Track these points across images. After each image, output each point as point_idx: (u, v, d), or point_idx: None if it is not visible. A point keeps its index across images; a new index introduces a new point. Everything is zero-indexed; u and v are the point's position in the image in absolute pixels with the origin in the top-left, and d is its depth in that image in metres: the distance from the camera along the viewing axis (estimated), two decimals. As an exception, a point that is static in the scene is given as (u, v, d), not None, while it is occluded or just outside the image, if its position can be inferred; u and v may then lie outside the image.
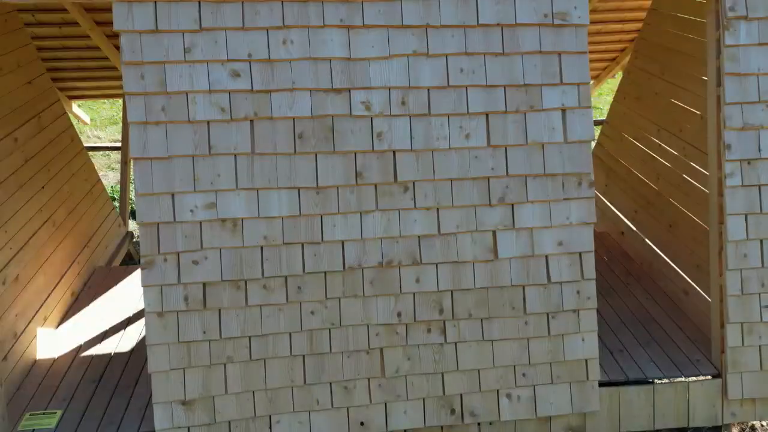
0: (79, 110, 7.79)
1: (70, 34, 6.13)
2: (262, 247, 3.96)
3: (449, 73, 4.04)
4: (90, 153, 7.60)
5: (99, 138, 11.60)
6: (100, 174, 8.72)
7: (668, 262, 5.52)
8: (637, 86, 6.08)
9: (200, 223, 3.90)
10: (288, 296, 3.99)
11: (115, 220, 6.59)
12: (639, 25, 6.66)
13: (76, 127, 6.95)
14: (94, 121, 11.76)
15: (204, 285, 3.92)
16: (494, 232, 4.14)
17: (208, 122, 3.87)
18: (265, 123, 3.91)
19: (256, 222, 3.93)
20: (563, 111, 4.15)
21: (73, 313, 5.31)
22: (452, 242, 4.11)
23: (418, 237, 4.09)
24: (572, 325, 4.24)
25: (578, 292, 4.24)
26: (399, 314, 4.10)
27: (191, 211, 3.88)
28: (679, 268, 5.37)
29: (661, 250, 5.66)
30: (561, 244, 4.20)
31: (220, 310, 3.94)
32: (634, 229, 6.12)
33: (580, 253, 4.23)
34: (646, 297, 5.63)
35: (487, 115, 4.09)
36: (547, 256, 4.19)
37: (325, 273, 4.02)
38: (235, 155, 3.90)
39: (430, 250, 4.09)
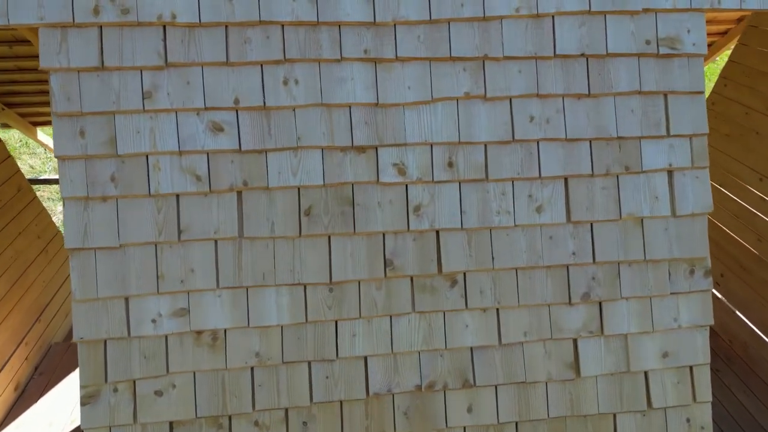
0: (44, 137, 6.66)
1: (24, 53, 5.02)
2: (252, 369, 2.82)
3: (515, 123, 2.92)
4: (58, 186, 6.46)
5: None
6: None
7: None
8: (726, 120, 4.92)
9: (166, 337, 2.77)
10: (290, 437, 2.85)
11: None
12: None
13: (42, 155, 5.79)
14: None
15: (171, 425, 2.78)
16: (575, 341, 3.00)
17: (178, 196, 2.74)
18: (259, 195, 2.78)
19: (244, 334, 2.81)
20: (670, 173, 3.02)
21: (16, 415, 4.16)
22: (518, 356, 2.97)
23: (471, 349, 2.96)
24: (683, 469, 3.08)
25: (688, 421, 3.08)
26: (445, 458, 2.96)
27: (153, 321, 2.74)
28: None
29: (760, 329, 4.48)
30: (666, 356, 3.05)
31: (194, 460, 2.80)
32: (720, 297, 4.94)
33: (690, 367, 3.09)
34: (741, 388, 4.44)
35: (566, 179, 2.98)
36: (646, 373, 3.06)
37: (341, 403, 2.88)
38: (216, 241, 2.77)
39: (488, 368, 2.94)
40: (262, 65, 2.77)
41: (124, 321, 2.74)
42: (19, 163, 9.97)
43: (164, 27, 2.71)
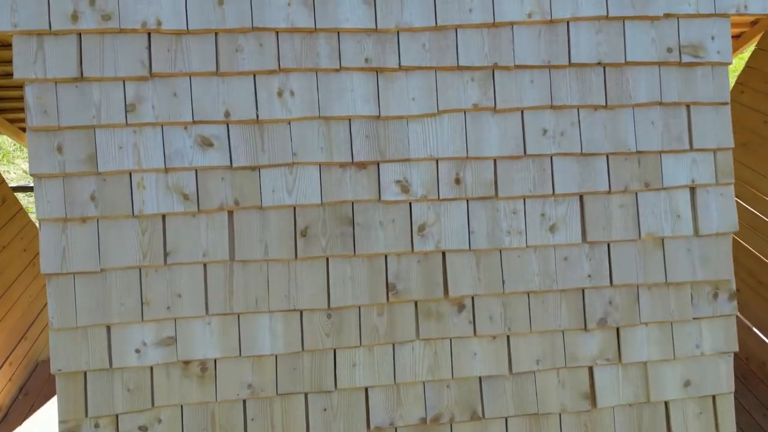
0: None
1: (11, 58, 4.83)
2: (245, 401, 2.64)
3: (526, 136, 2.74)
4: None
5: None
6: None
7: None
8: (743, 129, 4.71)
9: (151, 368, 2.57)
10: (285, 475, 2.65)
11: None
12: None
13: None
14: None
15: (157, 463, 2.58)
16: (591, 369, 2.81)
17: (164, 216, 2.55)
18: (251, 215, 2.59)
19: (236, 364, 2.62)
20: (693, 189, 2.84)
21: (-1, 441, 3.97)
22: (529, 385, 2.78)
23: (480, 379, 2.76)
24: (706, 506, 2.88)
25: (712, 454, 2.88)
26: (451, 496, 2.76)
27: (137, 350, 2.54)
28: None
29: (779, 348, 4.29)
30: (688, 385, 2.85)
31: (181, 500, 2.60)
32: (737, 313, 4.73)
33: (713, 397, 2.90)
34: (760, 410, 4.24)
35: (581, 196, 2.79)
36: (667, 403, 2.88)
37: (340, 437, 2.68)
38: (205, 264, 2.58)
39: (498, 399, 2.75)
40: (254, 75, 2.59)
41: (106, 351, 2.54)
42: (12, 168, 9.78)
43: (149, 34, 2.51)
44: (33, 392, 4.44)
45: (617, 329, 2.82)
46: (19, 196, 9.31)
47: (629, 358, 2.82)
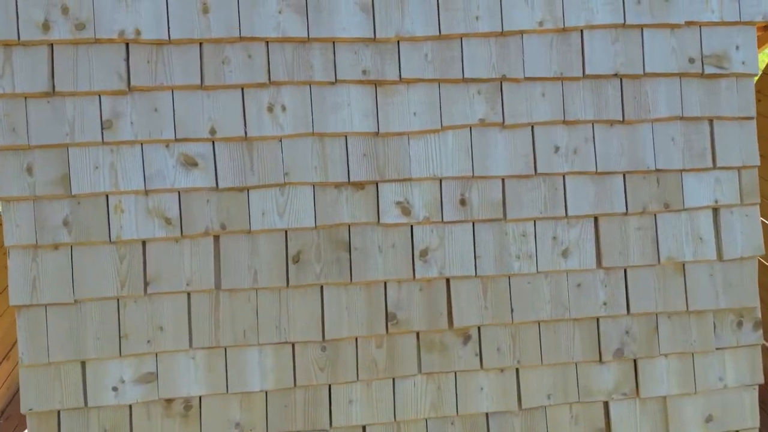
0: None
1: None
2: (233, 442, 2.42)
3: (537, 154, 2.55)
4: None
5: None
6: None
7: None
8: (761, 139, 4.50)
9: (130, 407, 2.37)
10: None
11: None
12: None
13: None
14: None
15: None
16: (607, 404, 2.62)
17: (144, 242, 2.36)
18: (239, 240, 2.40)
19: (222, 401, 2.43)
20: (716, 210, 2.64)
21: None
22: (540, 422, 2.59)
23: (487, 415, 2.58)
24: None
25: (736, 495, 2.67)
26: None
27: (115, 388, 2.34)
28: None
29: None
30: (710, 420, 2.65)
31: None
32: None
33: (738, 432, 2.68)
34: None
35: (596, 218, 2.60)
36: (688, 440, 2.64)
37: (336, 480, 2.48)
38: (189, 294, 2.39)
39: (506, 437, 2.55)
40: (242, 89, 2.40)
41: (81, 389, 2.34)
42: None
43: (127, 45, 2.32)
44: (15, 415, 4.24)
45: (634, 361, 2.64)
46: None
47: (647, 392, 2.63)
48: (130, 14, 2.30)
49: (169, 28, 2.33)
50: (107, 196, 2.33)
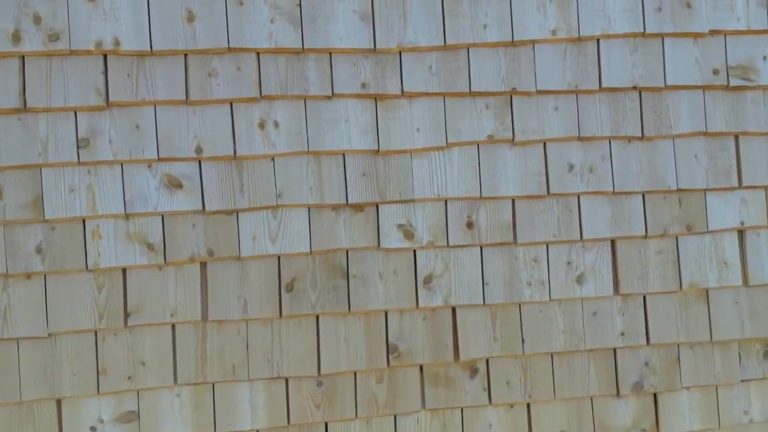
0: None
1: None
2: (222, 486, 2.26)
3: (549, 173, 2.45)
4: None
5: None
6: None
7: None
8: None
9: (110, 448, 2.20)
10: None
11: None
12: None
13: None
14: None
15: None
16: (624, 442, 2.46)
17: (124, 270, 2.22)
18: (228, 267, 2.27)
19: (210, 442, 2.24)
20: (742, 233, 2.54)
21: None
22: (553, 461, 2.42)
23: (496, 454, 2.40)
24: None
25: None
26: None
27: (93, 428, 2.23)
28: None
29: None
30: (735, 458, 2.49)
31: None
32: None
33: (765, 471, 2.52)
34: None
35: (613, 242, 2.49)
36: (712, 479, 2.50)
37: None
38: (174, 325, 2.26)
39: (516, 478, 2.40)
40: (231, 104, 2.25)
41: (56, 429, 2.18)
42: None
43: (105, 56, 2.17)
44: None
45: (654, 395, 2.51)
46: None
47: (668, 428, 2.49)
48: (109, 23, 2.14)
49: (151, 38, 2.18)
50: (84, 221, 2.18)
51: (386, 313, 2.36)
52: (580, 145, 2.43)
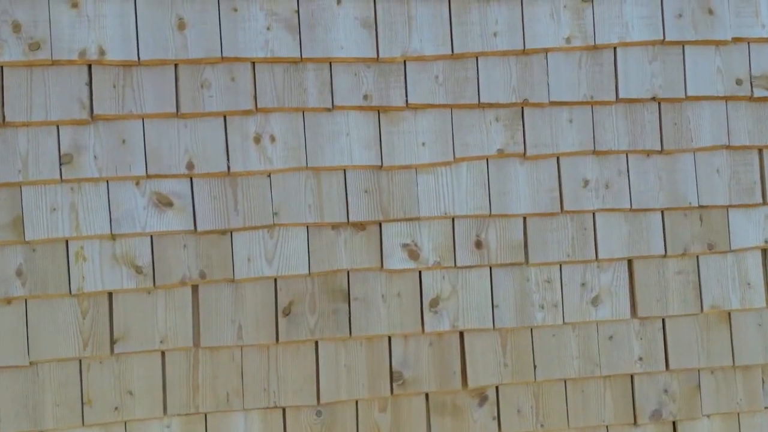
0: None
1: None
2: None
3: (563, 189, 2.34)
4: None
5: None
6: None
7: None
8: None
9: (95, 484, 2.08)
10: None
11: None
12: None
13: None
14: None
15: None
16: (642, 473, 2.34)
17: (110, 294, 2.12)
18: (221, 290, 2.17)
19: (203, 476, 2.13)
20: (765, 252, 2.45)
21: None
22: (567, 494, 2.31)
23: (506, 487, 2.28)
24: None
25: None
26: None
27: (77, 463, 2.06)
28: None
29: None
30: (759, 489, 2.37)
31: None
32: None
33: (790, 502, 2.40)
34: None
35: (630, 261, 2.39)
36: None
37: None
38: (163, 353, 2.15)
39: None
40: (225, 117, 2.14)
41: (38, 464, 2.05)
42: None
43: (89, 67, 2.06)
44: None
45: (674, 423, 2.40)
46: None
47: None
48: (93, 31, 2.03)
49: (138, 47, 2.07)
50: (67, 242, 2.06)
51: (390, 338, 2.25)
52: (596, 159, 2.32)
